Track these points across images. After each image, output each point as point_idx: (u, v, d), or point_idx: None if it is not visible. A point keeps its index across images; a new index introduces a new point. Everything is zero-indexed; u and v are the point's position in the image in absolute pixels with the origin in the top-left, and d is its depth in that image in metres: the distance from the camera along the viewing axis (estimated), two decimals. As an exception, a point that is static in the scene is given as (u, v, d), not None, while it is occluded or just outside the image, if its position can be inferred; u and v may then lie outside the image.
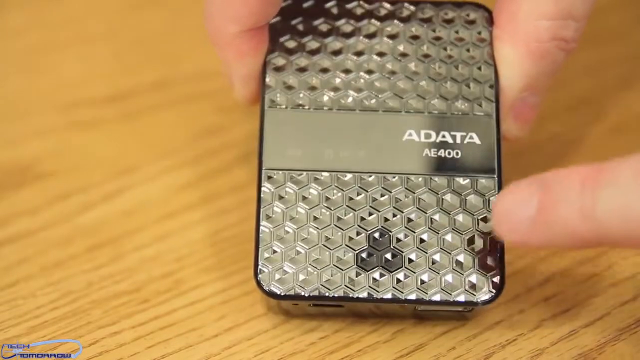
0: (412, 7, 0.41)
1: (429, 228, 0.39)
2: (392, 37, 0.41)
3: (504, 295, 0.39)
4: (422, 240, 0.39)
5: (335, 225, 0.39)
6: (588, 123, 0.47)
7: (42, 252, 0.43)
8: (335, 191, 0.39)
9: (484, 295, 0.38)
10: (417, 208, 0.39)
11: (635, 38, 0.50)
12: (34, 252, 0.43)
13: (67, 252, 0.43)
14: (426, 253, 0.38)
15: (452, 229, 0.39)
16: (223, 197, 0.44)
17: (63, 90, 0.48)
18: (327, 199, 0.39)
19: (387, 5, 0.41)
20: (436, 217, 0.39)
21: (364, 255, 0.38)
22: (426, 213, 0.39)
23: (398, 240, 0.39)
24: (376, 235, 0.39)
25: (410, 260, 0.38)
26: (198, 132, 0.47)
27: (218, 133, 0.47)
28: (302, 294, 0.38)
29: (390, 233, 0.39)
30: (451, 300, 0.38)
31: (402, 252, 0.38)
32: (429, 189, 0.39)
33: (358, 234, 0.39)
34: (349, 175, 0.39)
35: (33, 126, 0.46)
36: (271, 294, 0.38)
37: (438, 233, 0.39)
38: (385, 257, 0.38)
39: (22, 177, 0.45)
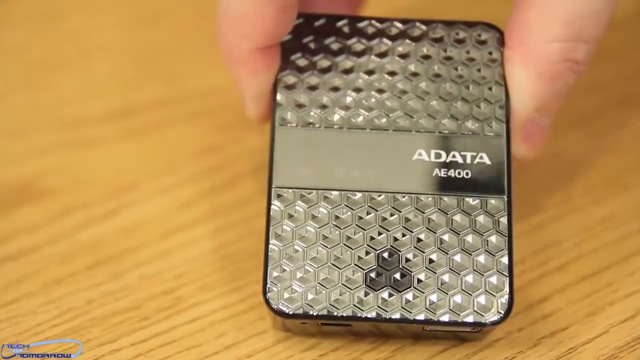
0: (423, 27, 0.41)
1: (438, 248, 0.39)
2: (403, 56, 0.41)
3: (504, 323, 0.39)
4: (431, 261, 0.39)
5: (345, 245, 0.39)
6: (588, 141, 0.47)
7: (43, 269, 0.43)
8: (344, 210, 0.39)
9: (492, 316, 0.38)
10: (427, 228, 0.39)
11: (633, 57, 0.51)
12: (34, 269, 0.43)
13: (68, 269, 0.43)
14: (435, 273, 0.38)
15: (462, 249, 0.39)
16: (223, 215, 0.44)
17: (64, 108, 0.48)
18: (337, 217, 0.39)
19: (399, 25, 0.41)
20: (445, 237, 0.39)
21: (372, 274, 0.38)
22: (435, 233, 0.39)
23: (407, 260, 0.39)
24: (385, 255, 0.39)
25: (419, 281, 0.38)
26: (199, 150, 0.47)
27: (219, 151, 0.47)
28: (311, 313, 0.38)
29: (399, 253, 0.39)
30: (460, 321, 0.38)
31: (411, 272, 0.38)
32: (439, 209, 0.39)
33: (367, 253, 0.39)
34: (359, 195, 0.39)
35: (34, 143, 0.47)
36: (280, 313, 0.38)
37: (447, 253, 0.39)
38: (394, 277, 0.38)
39: (23, 195, 0.45)
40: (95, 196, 0.45)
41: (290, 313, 0.38)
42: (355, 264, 0.39)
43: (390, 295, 0.38)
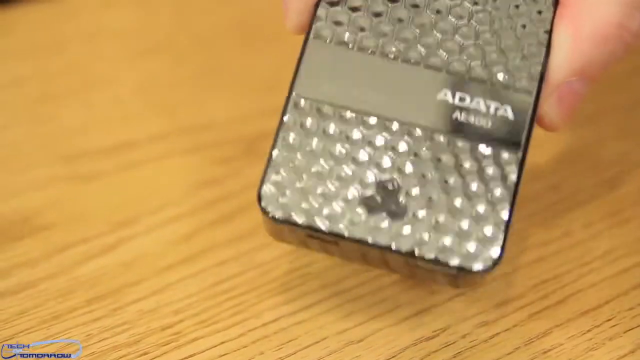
0: None
1: (440, 189, 0.38)
2: None
3: (504, 357, 0.39)
4: (430, 199, 0.38)
5: (349, 165, 0.38)
6: (586, 173, 0.47)
7: (42, 304, 0.42)
8: (357, 131, 0.39)
9: (479, 265, 0.37)
10: (434, 167, 0.38)
11: (631, 89, 0.51)
12: (33, 304, 0.42)
13: (67, 304, 0.42)
14: (432, 211, 0.38)
15: (463, 194, 0.38)
16: (222, 249, 0.44)
17: (63, 141, 0.48)
18: (348, 137, 0.39)
19: None
20: (450, 179, 0.38)
21: (370, 199, 0.38)
22: (441, 173, 0.38)
23: (407, 193, 0.38)
24: (387, 183, 0.38)
25: (414, 215, 0.38)
26: (198, 184, 0.47)
27: (217, 184, 0.47)
28: (299, 222, 0.37)
29: (401, 185, 0.38)
30: (444, 261, 0.37)
31: (409, 206, 0.38)
32: (450, 150, 0.38)
33: (369, 178, 0.38)
34: (375, 120, 0.39)
35: (34, 177, 0.47)
36: (270, 215, 0.38)
37: (448, 195, 0.38)
38: (390, 206, 0.38)
39: (22, 229, 0.45)
40: (95, 230, 0.45)
41: (279, 218, 0.37)
42: (354, 186, 0.38)
43: (383, 222, 0.37)
